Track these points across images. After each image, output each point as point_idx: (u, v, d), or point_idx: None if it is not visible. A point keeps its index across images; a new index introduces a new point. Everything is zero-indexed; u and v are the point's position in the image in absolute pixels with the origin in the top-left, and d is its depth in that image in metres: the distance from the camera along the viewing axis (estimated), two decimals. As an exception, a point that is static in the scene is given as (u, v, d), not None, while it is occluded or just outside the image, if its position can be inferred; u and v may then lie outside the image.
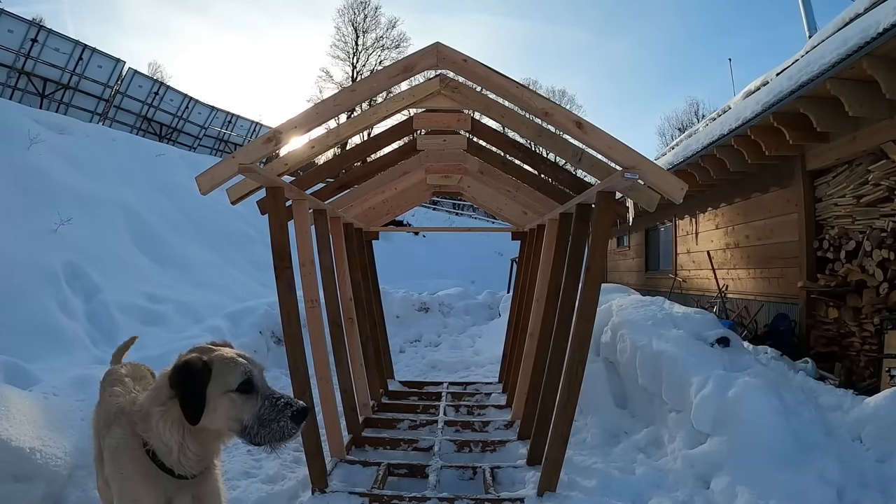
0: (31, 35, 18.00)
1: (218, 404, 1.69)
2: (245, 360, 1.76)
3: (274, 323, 6.82)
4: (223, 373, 1.71)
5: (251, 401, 1.72)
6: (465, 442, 4.25)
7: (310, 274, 3.70)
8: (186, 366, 1.69)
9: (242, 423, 1.71)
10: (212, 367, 1.71)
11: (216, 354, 1.75)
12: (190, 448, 1.73)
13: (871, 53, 3.92)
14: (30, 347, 5.86)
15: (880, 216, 4.69)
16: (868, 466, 3.10)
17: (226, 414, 1.70)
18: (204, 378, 1.69)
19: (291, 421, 1.71)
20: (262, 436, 1.70)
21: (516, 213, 5.76)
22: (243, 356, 1.79)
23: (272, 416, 1.70)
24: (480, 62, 2.94)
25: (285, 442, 1.73)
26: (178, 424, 1.70)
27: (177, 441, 1.71)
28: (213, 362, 1.72)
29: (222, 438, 1.81)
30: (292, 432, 1.72)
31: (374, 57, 38.25)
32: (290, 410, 1.71)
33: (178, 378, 1.68)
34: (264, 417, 1.70)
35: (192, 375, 1.68)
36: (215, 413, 1.69)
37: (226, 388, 1.69)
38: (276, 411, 1.71)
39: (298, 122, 2.93)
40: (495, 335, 7.88)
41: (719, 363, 3.89)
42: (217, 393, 1.69)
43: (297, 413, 1.72)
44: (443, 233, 23.44)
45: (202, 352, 1.77)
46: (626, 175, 2.84)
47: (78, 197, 10.43)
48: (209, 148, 25.81)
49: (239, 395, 1.71)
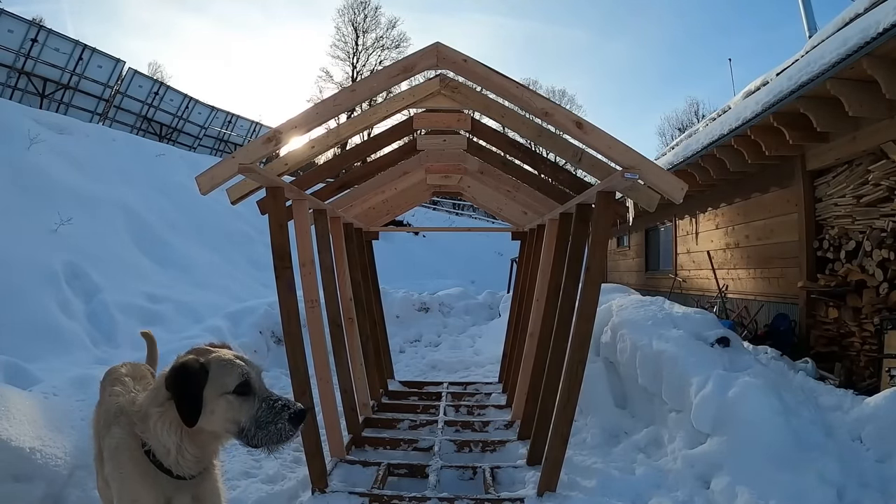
0: (31, 35, 17.99)
1: (215, 406, 1.68)
2: (242, 362, 1.75)
3: (274, 323, 6.83)
4: (220, 375, 1.70)
5: (248, 403, 1.71)
6: (465, 442, 4.25)
7: (310, 274, 3.70)
8: (183, 368, 1.69)
9: (240, 425, 1.70)
10: (209, 369, 1.70)
11: (213, 356, 1.75)
12: (188, 449, 1.72)
13: (871, 53, 3.92)
14: (30, 347, 5.86)
15: (880, 216, 4.69)
16: (868, 466, 3.09)
17: (223, 416, 1.69)
18: (200, 380, 1.68)
19: (289, 423, 1.70)
20: (259, 438, 1.69)
21: (516, 213, 5.77)
22: (241, 358, 1.78)
23: (269, 418, 1.69)
24: (480, 62, 2.94)
25: (283, 444, 1.72)
26: (175, 426, 1.69)
27: (174, 442, 1.70)
28: (210, 364, 1.71)
29: (220, 440, 1.80)
30: (290, 434, 1.71)
31: (374, 57, 38.32)
32: (288, 412, 1.70)
33: (175, 380, 1.68)
34: (261, 420, 1.69)
35: (189, 377, 1.68)
36: (212, 415, 1.69)
37: (223, 389, 1.69)
38: (274, 413, 1.70)
39: (298, 122, 2.93)
40: (495, 335, 7.88)
41: (719, 363, 3.89)
42: (214, 395, 1.68)
43: (295, 415, 1.71)
44: (443, 233, 23.41)
45: (200, 353, 1.77)
46: (626, 175, 2.84)
47: (78, 197, 10.43)
48: (209, 148, 25.81)
49: (236, 397, 1.70)
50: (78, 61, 19.30)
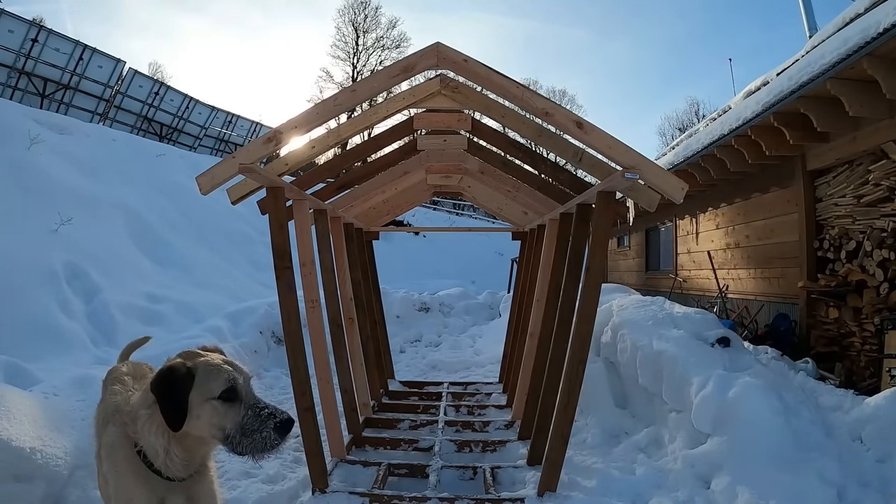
0: (32, 35, 18.02)
1: (201, 411, 1.66)
2: (231, 368, 1.73)
3: (274, 323, 6.83)
4: (206, 380, 1.68)
5: (234, 409, 1.68)
6: (466, 442, 4.25)
7: (310, 274, 3.70)
8: (169, 372, 1.67)
9: (225, 431, 1.68)
10: (195, 374, 1.68)
11: (201, 360, 1.72)
12: (175, 453, 1.71)
13: (871, 53, 3.92)
14: (30, 347, 5.87)
15: (881, 216, 4.69)
16: (868, 466, 3.09)
17: (208, 421, 1.67)
18: (186, 384, 1.66)
19: (275, 432, 1.66)
20: (244, 445, 1.66)
21: (516, 213, 5.76)
22: (230, 363, 1.76)
23: (255, 426, 1.66)
24: (481, 62, 2.93)
25: (268, 453, 1.68)
26: (162, 428, 1.68)
27: (162, 445, 1.69)
28: (197, 368, 1.69)
29: (209, 444, 1.78)
30: (275, 444, 1.67)
31: (374, 57, 38.34)
32: (274, 421, 1.67)
33: (160, 384, 1.66)
34: (247, 427, 1.66)
35: (174, 382, 1.65)
36: (198, 420, 1.67)
37: (208, 395, 1.67)
38: (260, 421, 1.66)
39: (299, 122, 2.93)
40: (495, 335, 7.88)
41: (720, 363, 3.89)
42: (199, 400, 1.66)
43: (281, 424, 1.67)
44: (443, 233, 23.43)
45: (188, 357, 1.75)
46: (626, 175, 2.84)
47: (78, 197, 10.44)
48: (209, 148, 25.83)
49: (222, 403, 1.67)
50: (78, 61, 19.32)
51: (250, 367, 1.89)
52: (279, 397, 5.54)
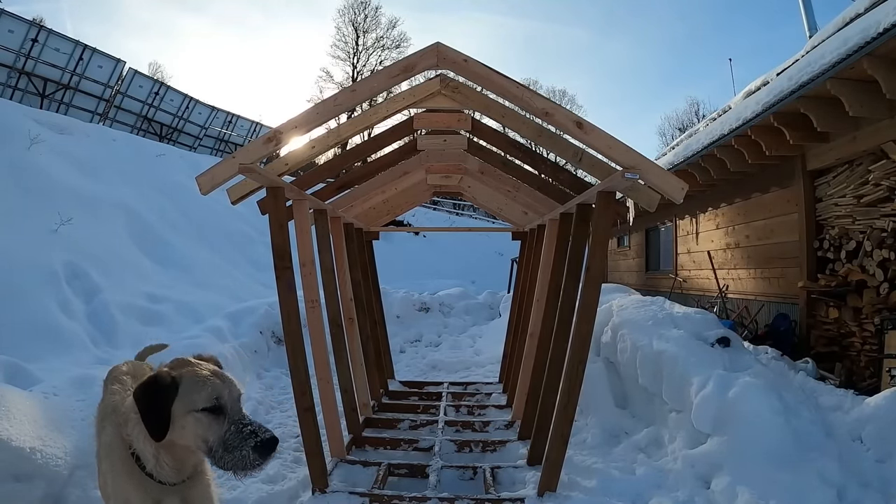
0: (32, 35, 18.01)
1: (185, 422, 1.64)
2: (217, 380, 1.69)
3: (274, 323, 6.82)
4: (190, 391, 1.65)
5: (218, 422, 1.64)
6: (466, 442, 4.25)
7: (310, 274, 3.70)
8: (153, 381, 1.64)
9: (208, 444, 1.64)
10: (179, 384, 1.65)
11: (187, 370, 1.69)
12: (165, 460, 1.69)
13: (871, 53, 3.92)
14: (30, 347, 5.87)
15: (881, 216, 4.69)
16: (868, 466, 3.09)
17: (192, 432, 1.64)
18: (169, 395, 1.63)
19: (254, 451, 1.59)
20: (225, 461, 1.61)
21: (516, 213, 5.76)
22: (219, 375, 1.72)
23: (236, 443, 1.60)
24: (481, 62, 2.93)
25: (249, 472, 1.62)
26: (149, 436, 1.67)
27: (151, 452, 1.68)
28: (182, 379, 1.66)
29: (198, 453, 1.74)
30: (255, 464, 1.60)
31: (374, 57, 38.33)
32: (255, 440, 1.60)
33: (142, 393, 1.63)
34: (229, 443, 1.61)
35: (157, 392, 1.62)
36: (183, 430, 1.64)
37: (191, 407, 1.63)
38: (241, 439, 1.61)
39: (299, 122, 2.93)
40: (495, 335, 7.88)
41: (720, 363, 3.89)
42: (182, 411, 1.63)
43: (262, 444, 1.60)
44: (443, 233, 23.43)
45: (178, 366, 1.72)
46: (626, 175, 2.84)
47: (78, 197, 10.44)
48: (209, 148, 25.82)
49: (206, 415, 1.63)
50: (78, 61, 19.31)
51: (250, 368, 1.88)
52: (279, 397, 5.54)
